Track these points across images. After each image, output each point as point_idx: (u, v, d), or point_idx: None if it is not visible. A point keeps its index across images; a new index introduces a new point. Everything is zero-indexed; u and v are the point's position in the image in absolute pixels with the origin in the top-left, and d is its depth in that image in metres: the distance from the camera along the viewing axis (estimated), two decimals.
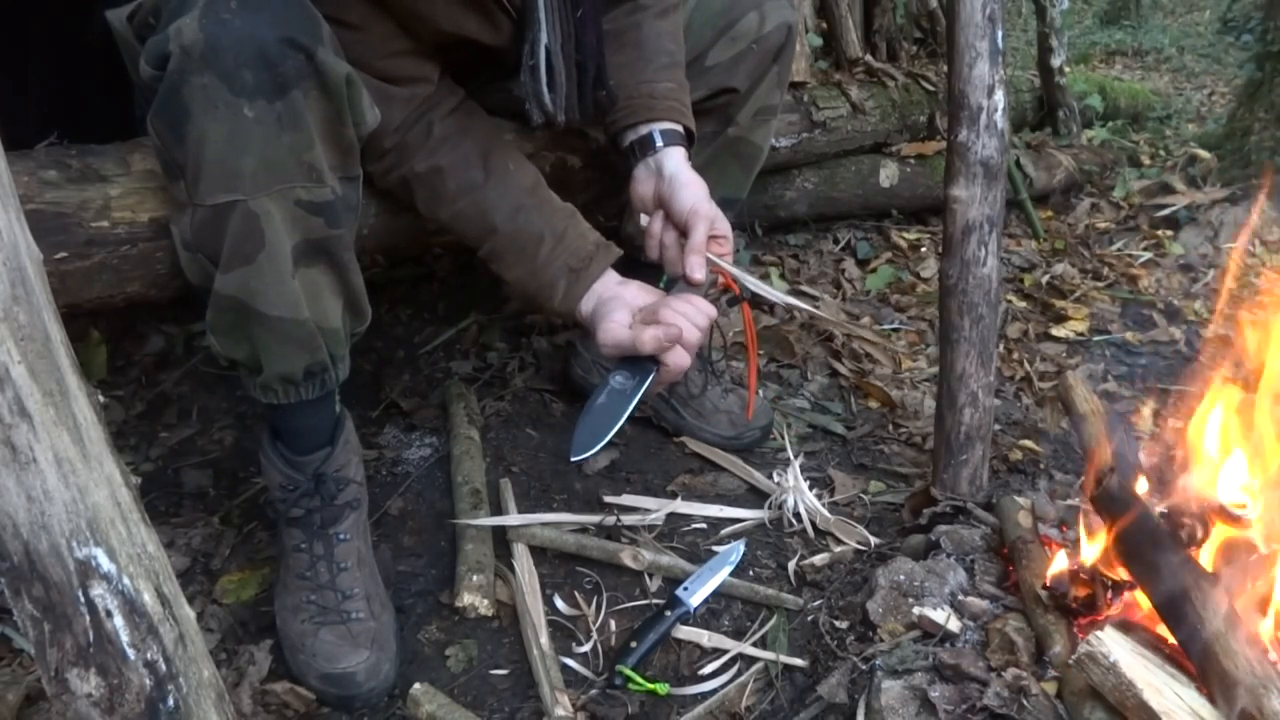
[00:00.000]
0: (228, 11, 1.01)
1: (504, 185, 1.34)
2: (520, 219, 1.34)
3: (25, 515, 0.82)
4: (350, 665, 1.26)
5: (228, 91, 1.01)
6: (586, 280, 1.35)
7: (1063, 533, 1.36)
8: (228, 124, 1.03)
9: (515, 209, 1.34)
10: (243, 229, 1.08)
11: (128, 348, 1.99)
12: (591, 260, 1.36)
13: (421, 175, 1.32)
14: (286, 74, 1.03)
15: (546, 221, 1.35)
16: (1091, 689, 1.05)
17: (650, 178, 1.40)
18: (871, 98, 2.65)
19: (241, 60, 1.01)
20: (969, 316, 1.47)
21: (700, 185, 1.38)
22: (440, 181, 1.32)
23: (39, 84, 1.56)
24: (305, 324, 1.16)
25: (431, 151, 1.31)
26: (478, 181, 1.33)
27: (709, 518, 1.61)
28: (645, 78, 1.42)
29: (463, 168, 1.32)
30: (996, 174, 1.45)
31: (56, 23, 1.51)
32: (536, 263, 1.34)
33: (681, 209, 1.36)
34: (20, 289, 0.82)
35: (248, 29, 1.01)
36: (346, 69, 1.09)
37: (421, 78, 1.31)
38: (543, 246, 1.34)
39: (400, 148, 1.30)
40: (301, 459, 1.29)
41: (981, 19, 1.42)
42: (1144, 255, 2.72)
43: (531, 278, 1.35)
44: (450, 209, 1.34)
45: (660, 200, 1.39)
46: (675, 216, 1.38)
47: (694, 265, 1.35)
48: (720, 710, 1.27)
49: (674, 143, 1.40)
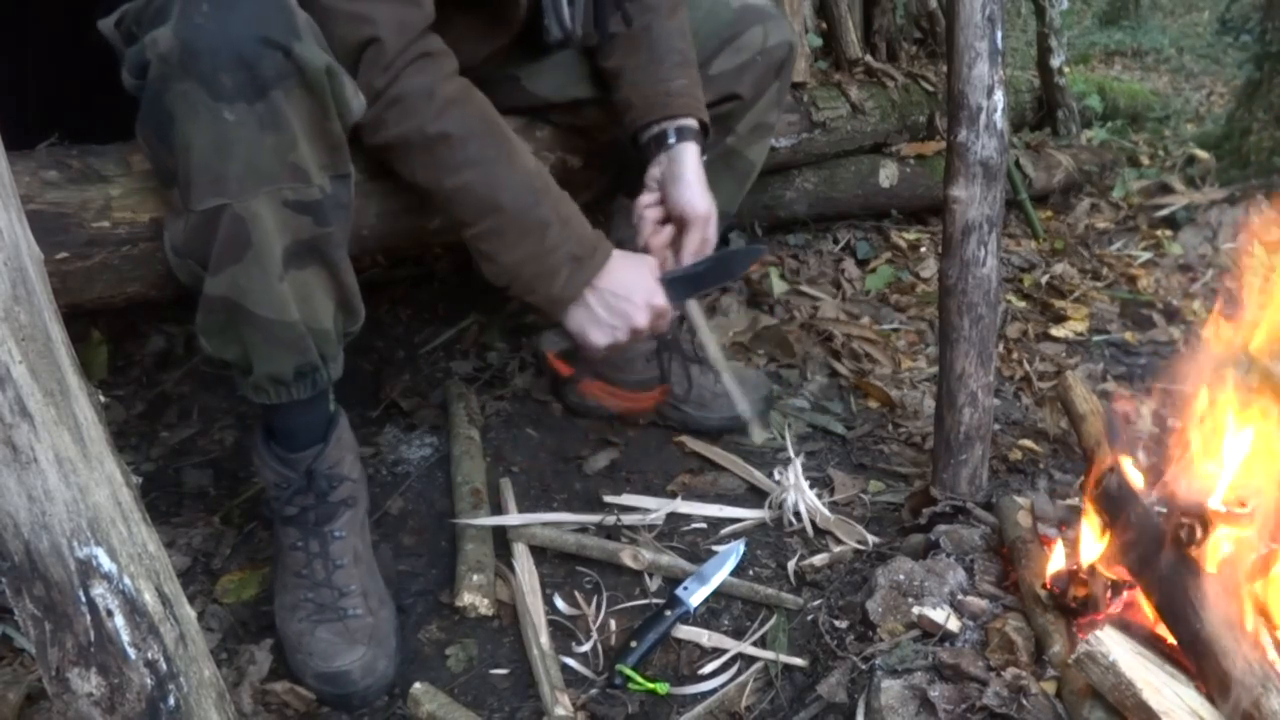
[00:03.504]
0: (200, 16, 1.01)
1: (513, 163, 1.31)
2: (528, 199, 1.31)
3: (26, 515, 0.82)
4: (345, 663, 1.26)
5: (207, 96, 1.02)
6: (591, 269, 1.35)
7: (1062, 533, 1.36)
8: (210, 129, 1.03)
9: (524, 188, 1.31)
10: (231, 232, 1.08)
11: (128, 348, 1.99)
12: (595, 250, 1.36)
13: (430, 139, 1.25)
14: (265, 74, 1.03)
15: (554, 206, 1.33)
16: (1091, 688, 1.05)
17: (659, 170, 1.47)
18: (871, 98, 2.64)
19: (218, 64, 1.01)
20: (968, 316, 1.47)
21: (702, 185, 1.45)
22: (448, 149, 1.26)
23: (39, 84, 1.55)
24: (294, 326, 1.16)
25: (438, 114, 1.24)
26: (490, 155, 1.29)
27: (709, 517, 1.61)
28: (660, 76, 1.46)
29: (473, 138, 1.27)
30: (996, 174, 1.45)
31: (56, 23, 1.51)
32: (543, 246, 1.32)
33: (678, 205, 1.45)
34: (21, 289, 0.82)
35: (222, 31, 1.01)
36: (326, 60, 1.08)
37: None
38: (549, 231, 1.32)
39: (399, 103, 1.23)
40: (294, 456, 1.29)
41: (981, 19, 1.42)
42: (1143, 255, 2.72)
43: (534, 261, 1.33)
44: (455, 179, 1.27)
45: (663, 194, 1.47)
46: (672, 210, 1.46)
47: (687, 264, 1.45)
48: (720, 710, 1.27)
49: (687, 139, 1.46)
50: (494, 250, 1.32)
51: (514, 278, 1.35)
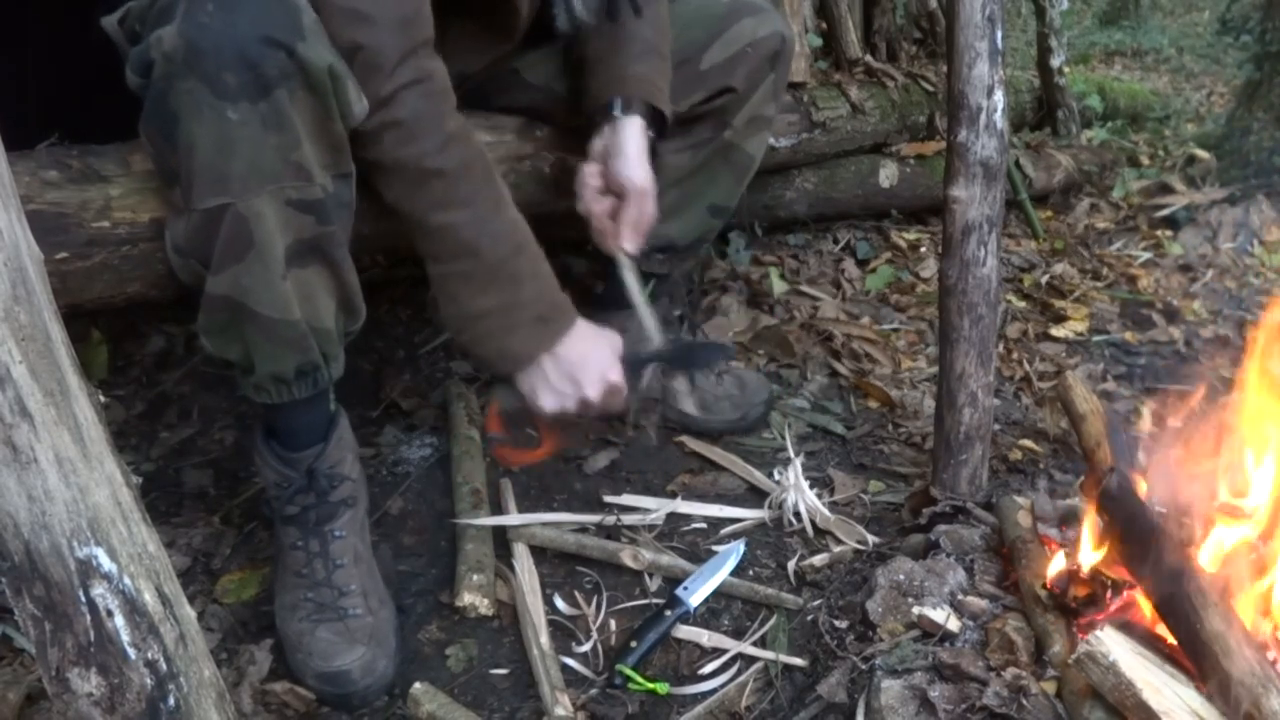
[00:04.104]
0: (205, 15, 1.01)
1: (500, 211, 1.28)
2: (507, 250, 1.27)
3: (26, 515, 0.82)
4: (345, 663, 1.26)
5: (211, 95, 1.02)
6: (553, 333, 1.31)
7: (1062, 533, 1.36)
8: (214, 128, 1.03)
9: (506, 239, 1.28)
10: (233, 231, 1.08)
11: (128, 348, 1.99)
12: (562, 315, 1.33)
13: (426, 172, 1.23)
14: (268, 74, 1.03)
15: (530, 262, 1.30)
16: (1091, 688, 1.05)
17: (601, 142, 1.46)
18: (871, 98, 2.64)
19: (222, 63, 1.01)
20: (968, 316, 1.47)
21: (642, 159, 1.44)
22: (441, 185, 1.23)
23: (39, 84, 1.56)
24: (297, 324, 1.16)
25: (441, 149, 1.22)
26: (480, 198, 1.26)
27: (709, 517, 1.61)
28: (619, 62, 1.46)
29: (466, 179, 1.25)
30: (996, 174, 1.45)
31: (56, 22, 1.51)
32: (512, 300, 1.28)
33: (618, 178, 1.43)
34: (21, 289, 0.82)
35: (226, 31, 1.01)
36: (329, 60, 1.07)
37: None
38: (522, 287, 1.29)
39: (400, 126, 1.19)
40: (294, 455, 1.29)
41: (981, 19, 1.42)
42: (1143, 255, 2.72)
43: (499, 314, 1.28)
44: (441, 216, 1.24)
45: (604, 165, 1.46)
46: (612, 183, 1.45)
47: (628, 237, 1.45)
48: (720, 710, 1.27)
49: (633, 112, 1.44)
50: (458, 293, 1.28)
51: (471, 326, 1.30)
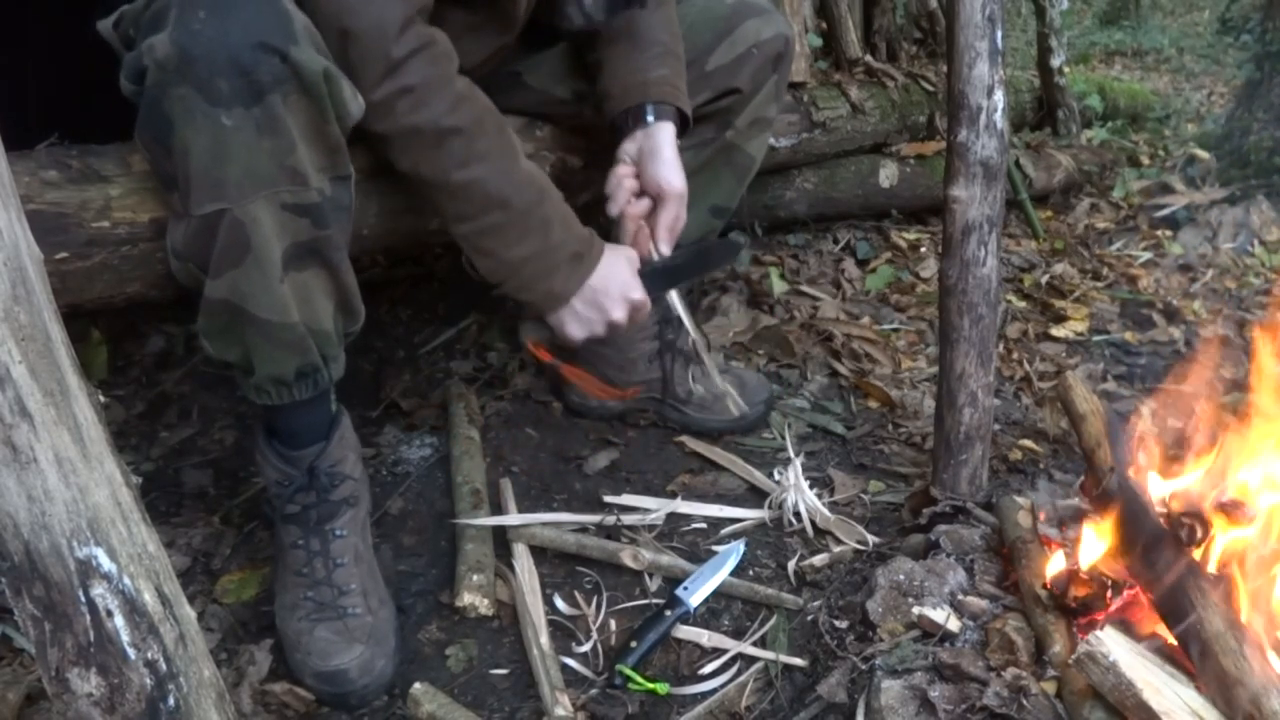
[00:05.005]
0: (197, 22, 1.01)
1: (518, 161, 1.33)
2: (534, 196, 1.33)
3: (26, 515, 0.82)
4: (343, 662, 1.26)
5: (205, 101, 1.02)
6: (588, 265, 1.38)
7: (1062, 533, 1.36)
8: (208, 134, 1.03)
9: (530, 186, 1.33)
10: (230, 236, 1.08)
11: (128, 348, 1.99)
12: (592, 247, 1.39)
13: (442, 131, 1.25)
14: (261, 79, 1.03)
15: (555, 205, 1.36)
16: (1091, 688, 1.05)
17: (635, 146, 1.48)
18: (871, 98, 2.64)
19: (215, 69, 1.01)
20: (968, 316, 1.47)
21: (677, 164, 1.46)
22: (459, 143, 1.26)
23: (39, 84, 1.55)
24: (295, 327, 1.17)
25: (453, 107, 1.25)
26: (499, 151, 1.30)
27: (709, 517, 1.61)
28: (639, 66, 1.47)
29: (482, 134, 1.28)
30: (996, 174, 1.45)
31: (56, 23, 1.51)
32: (547, 244, 1.34)
33: (654, 182, 1.46)
34: (21, 289, 0.82)
35: (219, 37, 1.01)
36: (323, 64, 1.08)
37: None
38: (552, 228, 1.35)
39: (411, 92, 1.21)
40: (295, 454, 1.29)
41: (981, 19, 1.42)
42: (1143, 255, 2.72)
43: (538, 258, 1.35)
44: (464, 173, 1.27)
45: (638, 169, 1.48)
46: (648, 186, 1.47)
47: (664, 239, 1.48)
48: (720, 710, 1.27)
49: (665, 118, 1.46)
50: (495, 246, 1.33)
51: (513, 274, 1.36)
